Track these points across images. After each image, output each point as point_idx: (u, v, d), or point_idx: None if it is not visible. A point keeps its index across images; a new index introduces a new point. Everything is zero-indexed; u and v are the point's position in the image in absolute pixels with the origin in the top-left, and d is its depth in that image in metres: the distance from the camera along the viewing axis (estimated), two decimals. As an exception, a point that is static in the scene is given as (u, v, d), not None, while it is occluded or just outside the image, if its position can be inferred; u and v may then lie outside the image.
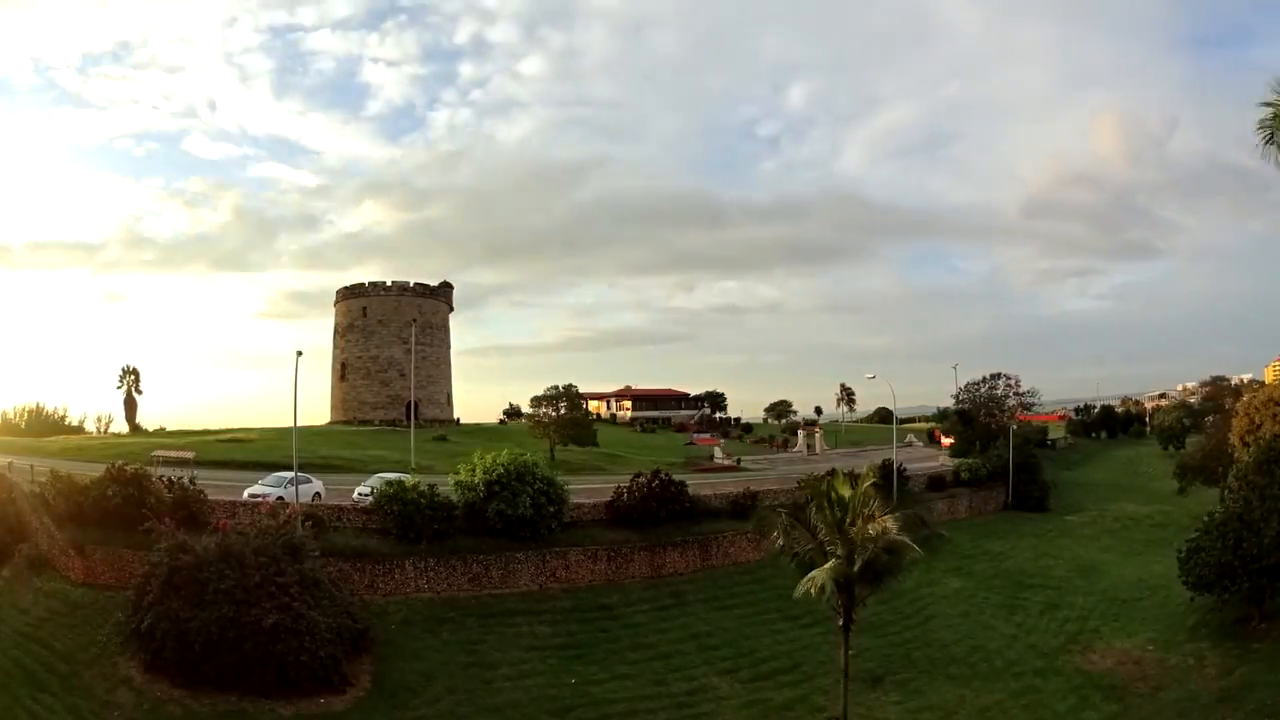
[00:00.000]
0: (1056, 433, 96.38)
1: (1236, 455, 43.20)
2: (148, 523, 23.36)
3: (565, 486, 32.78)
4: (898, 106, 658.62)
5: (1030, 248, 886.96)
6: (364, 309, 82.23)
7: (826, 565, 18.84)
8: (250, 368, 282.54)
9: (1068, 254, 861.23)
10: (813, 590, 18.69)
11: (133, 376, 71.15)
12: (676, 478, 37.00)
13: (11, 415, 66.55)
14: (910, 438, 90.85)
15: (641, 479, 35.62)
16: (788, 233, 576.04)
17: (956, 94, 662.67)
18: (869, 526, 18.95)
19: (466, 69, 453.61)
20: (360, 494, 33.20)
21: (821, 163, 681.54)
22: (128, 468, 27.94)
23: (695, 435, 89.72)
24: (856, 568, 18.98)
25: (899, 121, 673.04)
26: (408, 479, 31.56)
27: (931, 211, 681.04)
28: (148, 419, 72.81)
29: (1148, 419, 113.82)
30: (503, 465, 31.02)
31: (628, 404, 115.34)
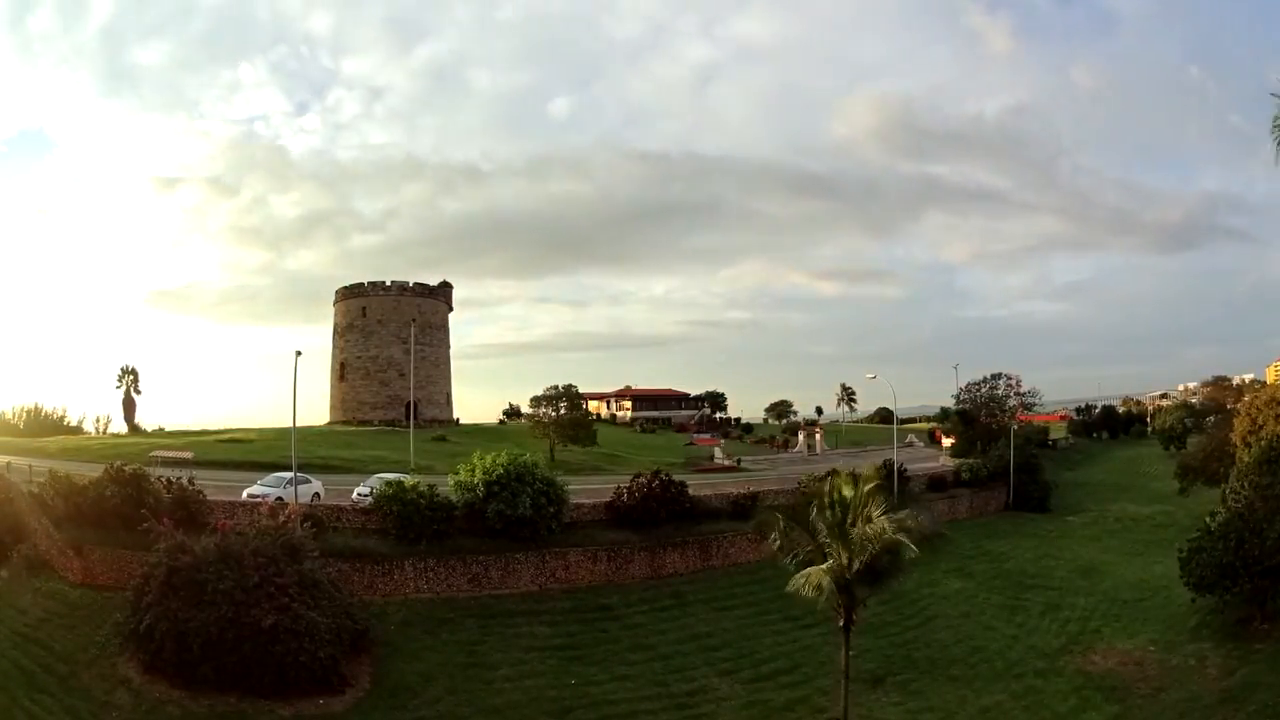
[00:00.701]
0: (1057, 433, 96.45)
1: (1238, 455, 43.06)
2: (146, 523, 23.24)
3: (565, 487, 32.69)
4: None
5: (936, 208, 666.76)
6: (363, 309, 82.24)
7: (824, 564, 18.77)
8: (250, 368, 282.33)
9: (991, 213, 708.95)
10: (807, 589, 18.62)
11: (131, 376, 71.03)
12: (676, 478, 36.93)
13: (10, 415, 66.39)
14: (911, 438, 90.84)
15: (641, 479, 35.56)
16: (577, 192, 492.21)
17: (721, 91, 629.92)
18: (869, 527, 18.88)
19: (260, 128, 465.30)
20: (359, 494, 33.16)
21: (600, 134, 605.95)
22: (126, 468, 27.89)
23: (695, 435, 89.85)
24: (856, 569, 18.90)
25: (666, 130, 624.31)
26: (407, 479, 31.53)
27: (739, 156, 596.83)
28: (146, 419, 72.91)
29: (1149, 419, 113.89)
30: (502, 466, 30.93)
31: (628, 404, 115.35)
